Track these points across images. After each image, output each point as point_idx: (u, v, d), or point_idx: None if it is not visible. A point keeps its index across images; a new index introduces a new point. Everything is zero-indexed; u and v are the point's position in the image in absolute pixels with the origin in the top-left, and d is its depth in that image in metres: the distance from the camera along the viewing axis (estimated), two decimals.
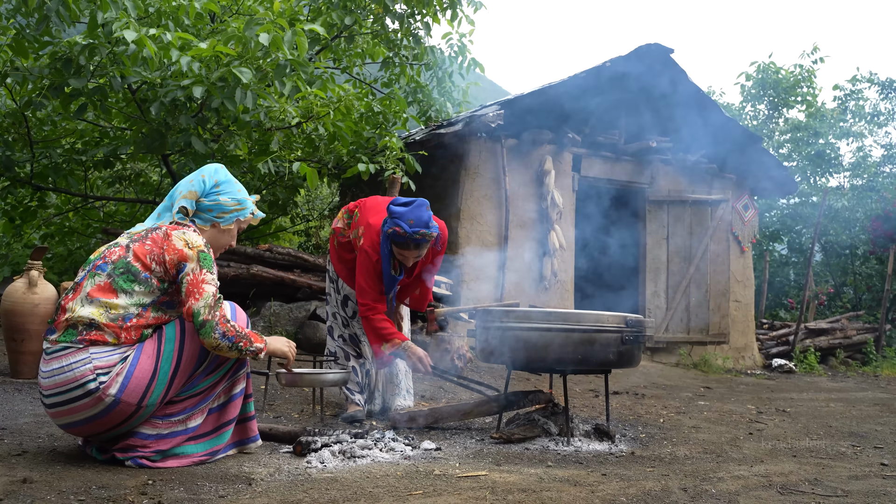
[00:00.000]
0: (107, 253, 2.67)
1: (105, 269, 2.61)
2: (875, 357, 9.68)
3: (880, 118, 14.81)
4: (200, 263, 2.64)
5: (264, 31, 4.90)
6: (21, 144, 6.44)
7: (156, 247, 2.64)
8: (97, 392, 2.50)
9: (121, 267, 2.61)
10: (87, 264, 2.68)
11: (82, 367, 2.50)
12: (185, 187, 2.80)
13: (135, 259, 2.62)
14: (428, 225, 3.55)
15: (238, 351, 2.67)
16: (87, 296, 2.57)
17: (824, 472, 3.10)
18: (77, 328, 2.54)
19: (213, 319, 2.59)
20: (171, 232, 2.68)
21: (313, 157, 6.88)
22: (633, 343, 3.47)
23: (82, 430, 2.61)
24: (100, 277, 2.60)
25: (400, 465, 2.84)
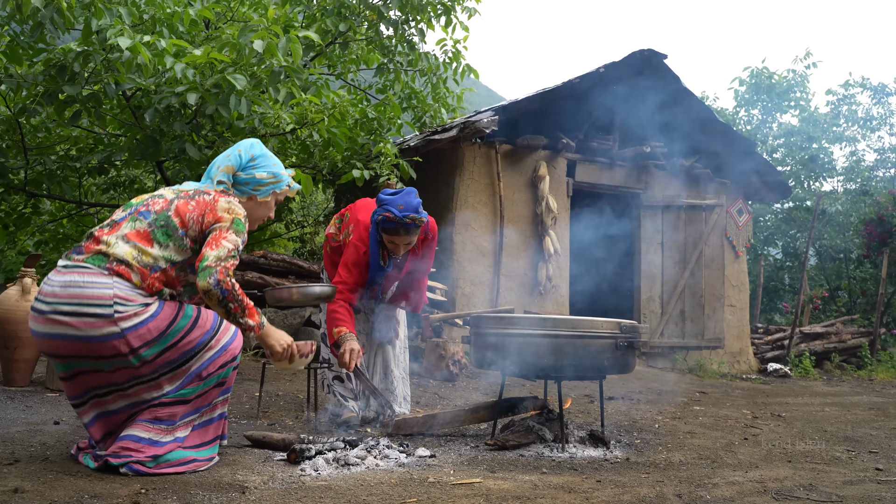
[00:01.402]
0: (150, 202, 2.74)
1: (147, 216, 2.70)
2: (870, 361, 9.70)
3: (873, 122, 14.88)
4: (231, 225, 2.71)
5: (259, 38, 4.90)
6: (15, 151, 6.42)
7: (198, 209, 2.72)
8: (110, 317, 2.53)
9: (162, 219, 2.69)
10: (129, 207, 2.75)
11: (104, 290, 2.55)
12: (223, 162, 2.89)
13: (175, 215, 2.70)
14: (417, 210, 3.55)
15: (226, 309, 2.64)
16: (124, 236, 2.65)
17: (819, 478, 3.10)
18: (108, 258, 2.60)
19: (215, 267, 2.59)
20: (218, 198, 2.77)
21: (308, 164, 6.88)
22: (627, 348, 3.47)
23: (63, 347, 2.57)
24: (140, 223, 2.68)
25: (394, 473, 2.83)
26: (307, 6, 7.29)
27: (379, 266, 3.71)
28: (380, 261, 3.70)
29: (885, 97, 14.68)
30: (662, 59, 8.01)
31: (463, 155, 7.45)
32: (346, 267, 3.71)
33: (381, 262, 3.72)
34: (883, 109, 14.83)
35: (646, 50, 7.89)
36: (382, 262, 3.72)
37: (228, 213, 2.73)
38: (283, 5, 7.08)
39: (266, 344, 2.83)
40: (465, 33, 7.95)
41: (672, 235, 8.63)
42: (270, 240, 9.34)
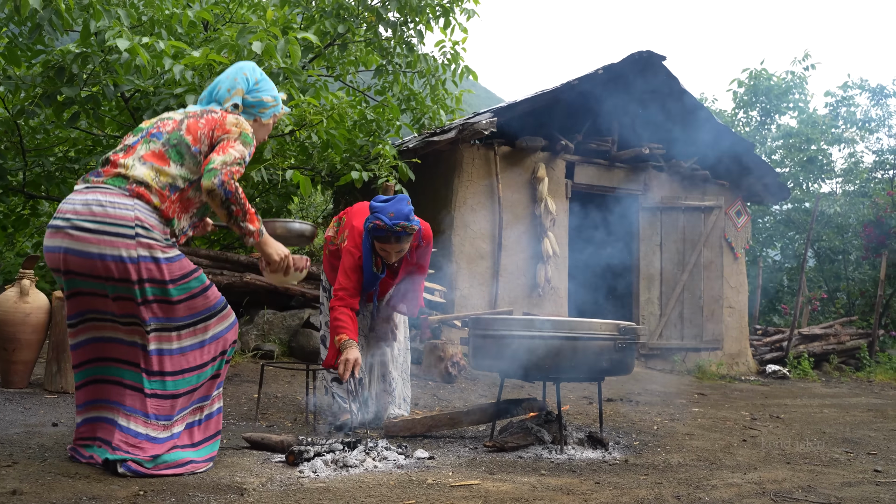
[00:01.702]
0: (160, 124, 2.78)
1: (160, 137, 2.73)
2: (868, 362, 9.70)
3: (871, 124, 14.88)
4: (239, 136, 2.77)
5: (257, 40, 4.90)
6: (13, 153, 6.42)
7: (208, 125, 2.77)
8: (131, 238, 2.57)
9: (174, 138, 2.73)
10: (139, 131, 2.78)
11: (126, 211, 2.58)
12: (232, 85, 2.94)
13: (187, 132, 2.74)
14: (408, 218, 3.54)
15: (228, 211, 2.66)
16: (140, 157, 2.68)
17: (818, 479, 3.10)
18: (127, 179, 2.63)
19: (220, 169, 2.63)
20: (226, 115, 2.83)
21: (307, 165, 6.88)
22: (626, 350, 3.47)
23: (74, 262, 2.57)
24: (154, 144, 2.71)
25: (393, 475, 2.83)
26: (306, 8, 7.29)
27: (373, 272, 3.71)
28: (373, 267, 3.70)
29: (883, 99, 14.68)
30: (661, 61, 8.01)
31: (462, 156, 7.45)
32: (345, 273, 3.71)
33: (375, 269, 3.71)
34: (881, 111, 14.83)
35: (644, 51, 7.90)
36: (376, 268, 3.72)
37: (236, 127, 2.79)
38: (282, 7, 7.08)
39: (264, 252, 2.85)
40: (464, 35, 7.96)
41: (671, 237, 8.63)
42: None
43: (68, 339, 2.75)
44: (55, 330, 4.47)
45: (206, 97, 2.94)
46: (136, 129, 2.81)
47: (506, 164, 7.69)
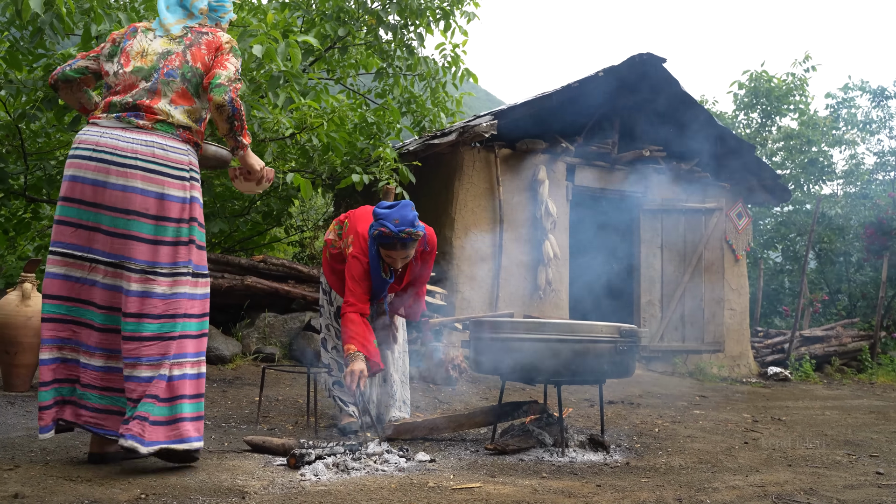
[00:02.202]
0: (165, 62, 2.82)
1: (175, 75, 2.81)
2: (870, 364, 9.69)
3: (872, 126, 14.88)
4: (231, 50, 2.90)
5: (258, 43, 4.91)
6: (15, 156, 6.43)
7: (209, 49, 2.88)
8: (185, 181, 2.76)
9: (188, 72, 2.82)
10: (153, 71, 2.80)
11: (181, 156, 2.76)
12: None
13: (195, 62, 2.84)
14: (413, 224, 3.53)
15: (231, 125, 2.80)
16: (171, 102, 2.78)
17: (819, 482, 3.10)
18: (173, 126, 2.78)
19: (228, 86, 2.77)
20: (218, 33, 2.94)
21: (307, 168, 6.88)
22: (627, 353, 3.47)
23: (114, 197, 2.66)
24: (175, 84, 2.80)
25: (394, 478, 2.83)
26: (306, 11, 7.31)
27: (381, 278, 3.70)
28: (381, 273, 3.70)
29: (884, 100, 14.68)
30: (661, 63, 8.02)
31: (462, 159, 7.45)
32: (354, 279, 3.70)
33: (384, 275, 3.71)
34: (882, 112, 14.83)
35: (644, 54, 7.90)
36: (384, 274, 3.72)
37: (227, 43, 2.91)
38: (283, 10, 7.09)
39: (248, 163, 2.98)
40: (465, 38, 7.97)
41: (672, 239, 8.63)
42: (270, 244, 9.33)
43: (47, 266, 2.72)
44: None
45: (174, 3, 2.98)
46: (136, 69, 2.80)
47: (506, 167, 7.69)
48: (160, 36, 2.88)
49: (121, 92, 2.79)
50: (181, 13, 2.97)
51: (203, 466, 2.87)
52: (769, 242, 14.49)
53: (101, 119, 2.75)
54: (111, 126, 2.72)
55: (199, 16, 2.99)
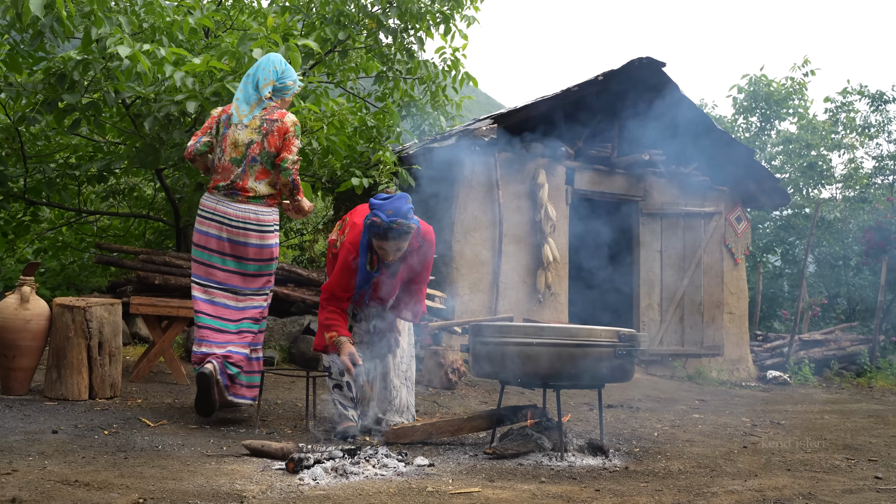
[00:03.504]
0: (249, 151, 3.92)
1: (257, 160, 3.93)
2: (869, 368, 9.68)
3: (871, 130, 14.88)
4: (294, 132, 3.98)
5: (258, 47, 4.91)
6: (15, 159, 6.43)
7: (279, 134, 3.94)
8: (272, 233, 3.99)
9: (265, 157, 3.93)
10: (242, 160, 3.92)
11: (269, 216, 3.99)
12: (265, 76, 4.01)
13: (269, 147, 3.93)
14: (406, 216, 3.53)
15: (291, 190, 3.97)
16: (256, 179, 3.94)
17: (818, 486, 3.09)
18: (261, 197, 3.95)
19: (291, 168, 3.92)
20: (286, 120, 3.96)
21: (307, 172, 6.88)
22: (626, 357, 3.47)
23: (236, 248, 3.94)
24: (257, 166, 3.93)
25: (393, 482, 2.83)
26: (306, 15, 7.32)
27: (366, 270, 3.69)
28: (367, 265, 3.69)
29: (882, 104, 14.68)
30: (661, 67, 8.03)
31: (462, 163, 7.45)
32: (340, 270, 3.72)
33: (369, 267, 3.70)
34: (881, 117, 14.81)
35: (644, 58, 7.91)
36: (370, 266, 3.70)
37: (293, 126, 3.96)
38: (283, 14, 7.10)
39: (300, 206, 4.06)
40: (464, 41, 7.98)
41: (671, 243, 8.63)
42: None
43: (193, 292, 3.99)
44: (55, 337, 4.47)
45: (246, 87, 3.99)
46: (232, 158, 3.93)
47: (506, 171, 7.69)
48: (245, 126, 3.94)
49: (222, 177, 3.95)
50: (255, 98, 3.98)
51: (201, 471, 2.87)
52: (768, 246, 14.48)
53: (214, 193, 3.96)
54: (221, 198, 3.92)
55: (266, 100, 3.98)
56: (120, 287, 6.65)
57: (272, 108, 3.95)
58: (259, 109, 3.94)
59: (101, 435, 3.51)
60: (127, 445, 3.30)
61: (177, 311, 5.26)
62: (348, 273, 3.71)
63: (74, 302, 4.52)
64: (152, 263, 6.19)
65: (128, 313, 5.46)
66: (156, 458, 3.08)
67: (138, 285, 6.13)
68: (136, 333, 6.44)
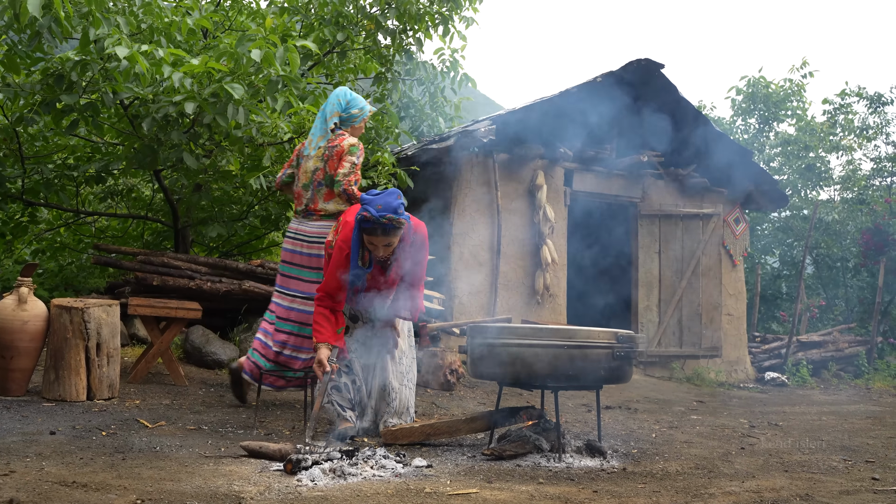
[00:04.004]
0: (315, 175, 4.41)
1: (322, 184, 4.40)
2: (867, 370, 9.69)
3: (869, 132, 14.90)
4: (348, 151, 4.35)
5: (256, 48, 4.91)
6: (12, 160, 6.43)
7: (337, 157, 4.37)
8: None
9: (328, 180, 4.39)
10: (311, 185, 4.43)
11: None
12: (331, 109, 4.47)
13: (331, 170, 4.38)
14: (396, 211, 3.52)
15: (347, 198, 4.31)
16: (324, 200, 4.41)
17: (815, 487, 3.10)
18: (331, 214, 4.40)
19: (342, 181, 4.31)
20: (343, 143, 4.37)
21: None
22: (624, 359, 3.47)
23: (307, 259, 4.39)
24: (323, 189, 4.41)
25: (391, 483, 2.82)
26: (305, 16, 7.32)
27: (357, 266, 3.69)
28: (359, 261, 3.68)
29: (881, 106, 14.69)
30: (659, 69, 8.04)
31: (460, 164, 7.46)
32: (333, 270, 3.72)
33: (360, 263, 3.70)
34: (879, 118, 14.82)
35: (643, 59, 7.92)
36: (361, 262, 3.70)
37: (349, 146, 4.37)
38: (281, 15, 7.10)
39: None
40: (463, 43, 7.98)
41: (669, 244, 8.64)
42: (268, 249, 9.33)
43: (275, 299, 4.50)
44: (53, 338, 4.46)
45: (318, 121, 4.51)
46: (303, 185, 4.47)
47: (504, 172, 7.70)
48: (312, 156, 4.45)
49: (299, 202, 4.51)
50: (322, 130, 4.46)
51: (199, 472, 2.87)
52: (766, 248, 14.50)
53: (296, 216, 4.54)
54: (301, 220, 4.47)
55: (331, 131, 4.43)
56: (118, 288, 6.64)
57: (336, 136, 4.42)
58: (325, 140, 4.42)
59: (98, 436, 3.50)
60: (125, 446, 3.30)
61: (175, 312, 5.25)
62: (342, 271, 3.71)
63: (72, 303, 4.51)
64: (150, 264, 6.18)
65: (126, 314, 5.46)
66: (154, 459, 3.08)
67: (136, 286, 6.12)
68: (135, 334, 6.44)
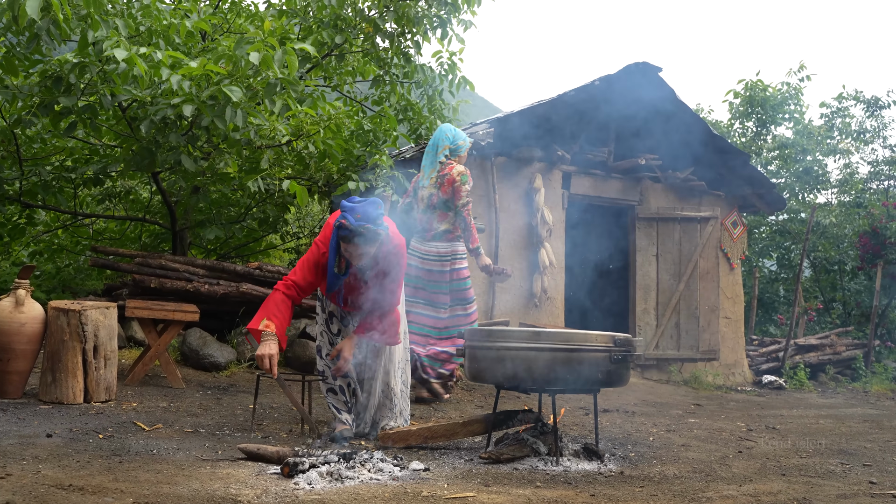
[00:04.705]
0: (430, 201, 5.28)
1: (437, 206, 5.26)
2: (864, 373, 9.70)
3: (866, 135, 14.92)
4: (460, 181, 5.22)
5: (255, 50, 4.91)
6: (10, 162, 6.42)
7: (448, 185, 5.23)
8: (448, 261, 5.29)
9: (441, 203, 5.25)
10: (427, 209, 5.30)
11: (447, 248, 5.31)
12: (441, 144, 5.33)
13: (443, 195, 5.24)
14: (375, 222, 3.48)
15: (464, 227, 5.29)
16: (437, 221, 5.28)
17: (813, 491, 3.10)
18: (442, 233, 5.29)
19: (462, 211, 5.22)
20: (452, 172, 5.23)
21: (303, 175, 6.88)
22: (621, 362, 3.47)
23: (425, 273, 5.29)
24: (437, 212, 5.28)
25: (388, 487, 2.82)
26: (303, 18, 7.32)
27: (333, 272, 3.68)
28: (335, 267, 3.67)
29: (878, 110, 14.71)
30: (657, 72, 8.05)
31: None
32: (303, 265, 3.70)
33: (336, 269, 3.68)
34: (876, 122, 14.84)
35: (640, 63, 7.93)
36: (337, 269, 3.68)
37: (459, 175, 5.21)
38: (280, 17, 7.11)
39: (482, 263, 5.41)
40: (461, 45, 7.98)
41: (667, 247, 8.64)
42: (266, 251, 9.32)
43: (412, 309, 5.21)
44: (50, 340, 4.46)
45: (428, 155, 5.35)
46: (422, 210, 5.33)
47: (502, 175, 7.70)
48: (427, 185, 5.31)
49: (419, 222, 5.36)
50: (434, 163, 5.30)
51: (196, 475, 2.86)
52: (764, 251, 14.51)
53: (415, 238, 5.33)
54: (420, 240, 5.34)
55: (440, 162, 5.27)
56: (115, 290, 6.64)
57: (445, 165, 5.27)
58: (436, 172, 5.28)
59: (95, 439, 3.50)
60: (122, 449, 3.29)
61: (172, 314, 5.25)
62: (310, 267, 3.68)
63: (70, 305, 4.51)
64: (148, 267, 6.18)
65: (123, 316, 5.45)
66: (151, 462, 3.07)
67: (134, 288, 6.11)
68: (132, 337, 6.43)
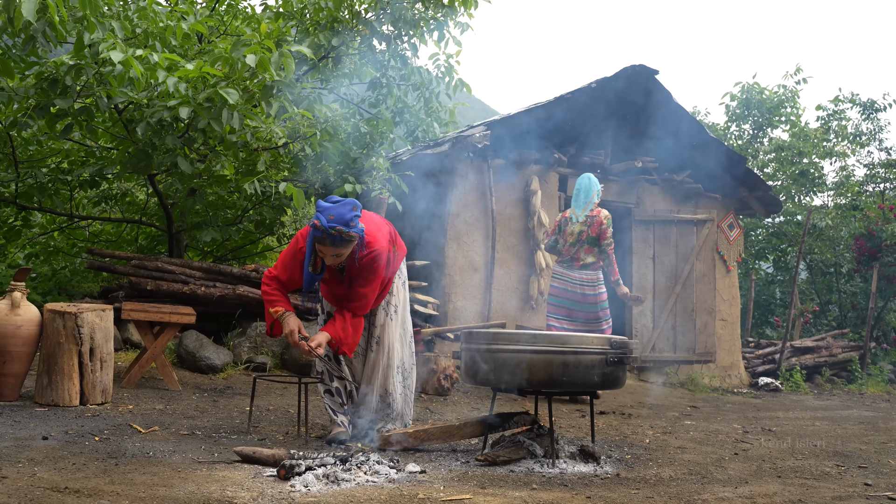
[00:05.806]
0: (580, 237, 6.11)
1: (584, 242, 6.09)
2: (860, 375, 9.72)
3: (862, 138, 14.95)
4: (607, 224, 6.10)
5: (251, 53, 4.91)
6: (6, 164, 6.42)
7: (596, 225, 6.08)
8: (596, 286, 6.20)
9: (589, 240, 6.10)
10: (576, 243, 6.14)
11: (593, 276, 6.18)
12: (595, 190, 6.23)
13: (592, 233, 6.09)
14: (348, 224, 3.47)
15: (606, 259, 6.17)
16: (585, 253, 6.10)
17: (808, 493, 3.10)
18: (588, 265, 6.13)
19: (607, 248, 6.14)
20: (601, 216, 6.11)
21: (300, 178, 6.88)
22: (617, 364, 3.48)
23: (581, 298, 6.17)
24: (585, 246, 6.10)
25: (384, 489, 2.82)
26: (300, 21, 7.32)
27: (308, 271, 3.68)
28: (309, 266, 3.67)
29: (874, 113, 14.75)
30: (654, 75, 8.07)
31: (455, 169, 7.47)
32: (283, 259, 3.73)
33: (311, 269, 3.68)
34: (872, 125, 14.87)
35: (637, 65, 7.95)
36: (312, 268, 3.68)
37: (606, 219, 6.11)
38: (276, 20, 7.11)
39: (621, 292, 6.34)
40: (458, 48, 8.00)
41: (663, 250, 8.66)
42: (262, 253, 9.32)
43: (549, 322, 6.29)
44: (46, 342, 4.45)
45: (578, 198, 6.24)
46: (571, 243, 6.16)
47: (499, 177, 7.71)
48: (577, 222, 6.15)
49: (566, 254, 6.19)
50: (583, 204, 6.17)
51: (192, 477, 2.86)
52: (760, 253, 14.54)
53: (560, 264, 6.27)
54: (567, 267, 6.21)
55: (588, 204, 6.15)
56: (112, 292, 6.63)
57: (594, 208, 6.16)
58: (585, 214, 6.16)
59: (91, 441, 3.49)
60: (118, 452, 3.29)
61: (168, 316, 5.24)
62: (290, 261, 3.71)
63: (66, 307, 4.50)
64: (144, 269, 6.17)
65: (119, 319, 5.45)
66: (147, 464, 3.07)
67: (130, 291, 6.10)
68: (128, 339, 6.42)
